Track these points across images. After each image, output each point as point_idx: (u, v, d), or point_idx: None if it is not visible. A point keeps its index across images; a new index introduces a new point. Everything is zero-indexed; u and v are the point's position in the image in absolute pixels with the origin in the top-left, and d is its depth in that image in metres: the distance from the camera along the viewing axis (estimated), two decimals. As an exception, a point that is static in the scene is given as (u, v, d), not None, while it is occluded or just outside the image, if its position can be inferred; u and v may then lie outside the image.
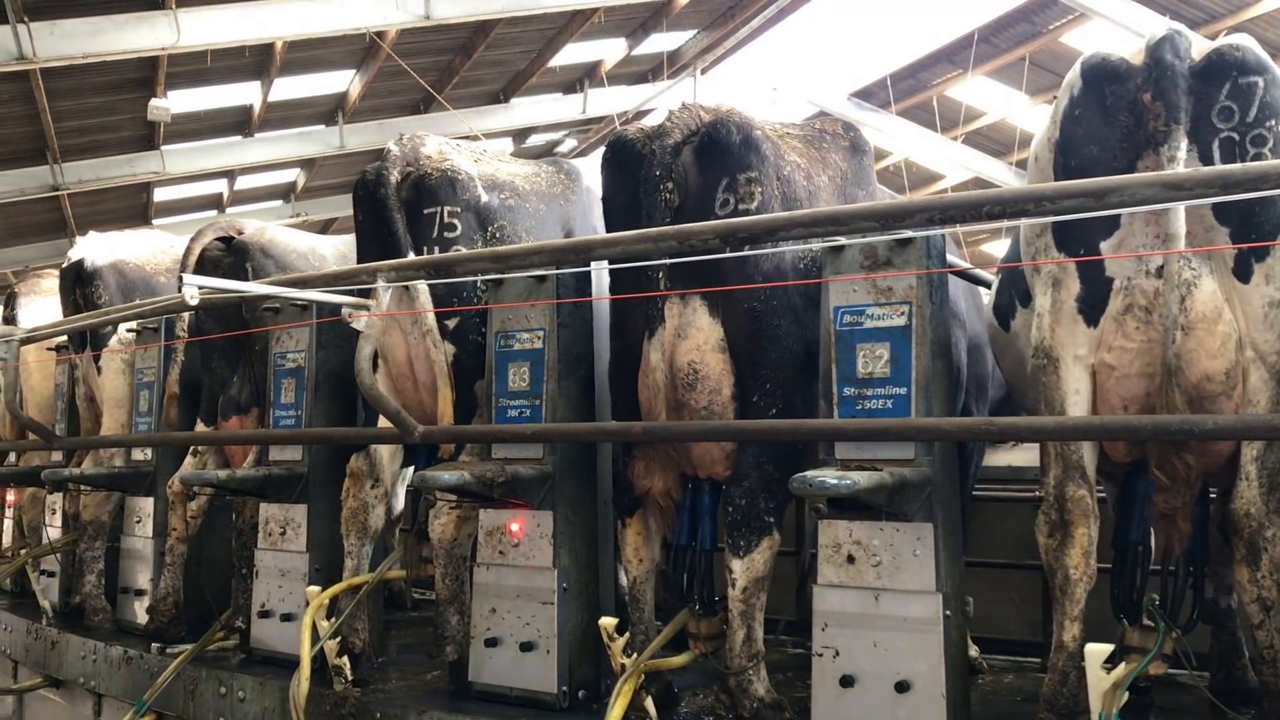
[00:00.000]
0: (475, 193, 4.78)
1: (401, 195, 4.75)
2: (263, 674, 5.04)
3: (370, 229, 4.93)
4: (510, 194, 4.90)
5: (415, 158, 4.84)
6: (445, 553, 4.71)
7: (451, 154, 4.88)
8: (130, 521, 6.42)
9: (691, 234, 3.59)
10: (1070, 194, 3.14)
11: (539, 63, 21.29)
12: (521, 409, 4.46)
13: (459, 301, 4.76)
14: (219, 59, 17.95)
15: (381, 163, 4.81)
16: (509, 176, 4.98)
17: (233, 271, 5.83)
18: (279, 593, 5.27)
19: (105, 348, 6.63)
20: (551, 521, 4.34)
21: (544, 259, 4.08)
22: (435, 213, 4.73)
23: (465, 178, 4.78)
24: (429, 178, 4.76)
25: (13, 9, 15.24)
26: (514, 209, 4.88)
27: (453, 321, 4.75)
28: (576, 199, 5.17)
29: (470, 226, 4.74)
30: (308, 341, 5.31)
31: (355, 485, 4.90)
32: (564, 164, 5.28)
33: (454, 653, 4.63)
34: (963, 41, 19.80)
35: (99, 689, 6.01)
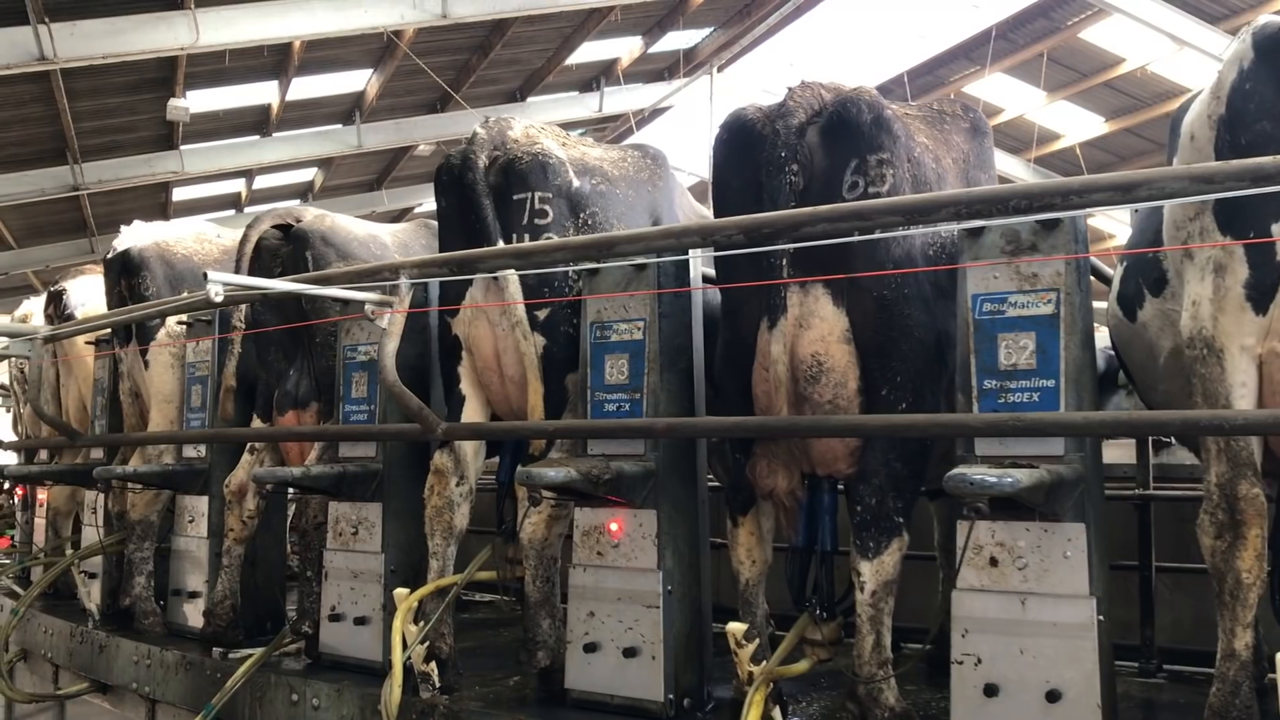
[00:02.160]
0: (567, 178, 4.47)
1: (490, 180, 4.44)
2: (337, 680, 4.73)
3: (455, 217, 4.63)
4: (601, 179, 4.60)
5: (502, 141, 4.53)
6: (536, 554, 4.41)
7: (540, 137, 4.57)
8: (182, 521, 6.10)
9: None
10: (1098, 188, 3.02)
11: (555, 61, 21.00)
12: (620, 403, 4.16)
13: (550, 291, 4.46)
14: (237, 59, 17.67)
15: (468, 146, 4.49)
16: (597, 161, 4.68)
17: (291, 260, 5.54)
18: (351, 595, 4.96)
19: (153, 341, 6.30)
20: (655, 521, 4.04)
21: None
22: (526, 199, 4.42)
23: (556, 162, 4.47)
24: (519, 162, 4.44)
25: (33, 10, 14.97)
26: (605, 195, 4.57)
27: (543, 312, 4.43)
28: (664, 185, 4.86)
29: (561, 213, 4.43)
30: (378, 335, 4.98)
31: (439, 483, 4.59)
32: (649, 149, 4.97)
33: (546, 658, 4.33)
34: (980, 38, 19.50)
35: (154, 695, 5.69)
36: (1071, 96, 21.11)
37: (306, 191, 25.38)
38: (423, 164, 24.79)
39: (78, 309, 7.62)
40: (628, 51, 21.53)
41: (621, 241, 3.95)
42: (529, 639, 4.40)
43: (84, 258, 23.72)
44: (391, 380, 4.15)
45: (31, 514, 8.91)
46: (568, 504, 4.34)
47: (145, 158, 20.65)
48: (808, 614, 3.81)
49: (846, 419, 3.63)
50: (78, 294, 7.71)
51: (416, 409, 4.24)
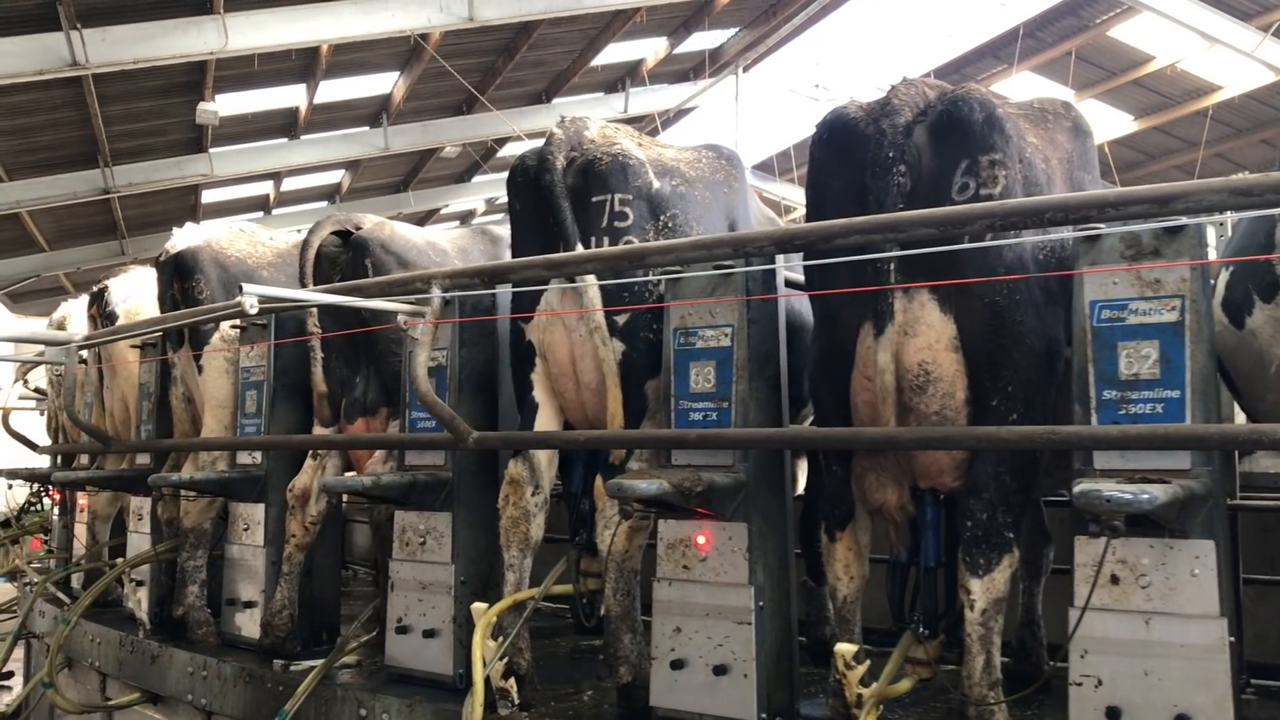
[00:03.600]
0: (647, 179, 4.28)
1: (568, 182, 4.26)
2: (408, 694, 4.55)
3: (530, 219, 4.46)
4: (680, 180, 4.40)
5: (579, 141, 4.35)
6: (616, 566, 4.22)
7: (618, 137, 4.39)
8: (237, 529, 5.93)
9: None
10: (1135, 200, 2.90)
11: (581, 62, 20.84)
12: (706, 411, 3.98)
13: (631, 297, 4.27)
14: (266, 62, 17.58)
15: (545, 147, 4.31)
16: (674, 161, 4.48)
17: (350, 267, 5.38)
18: (419, 607, 4.79)
19: (207, 346, 6.13)
20: (746, 534, 3.86)
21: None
22: (605, 201, 4.24)
23: (637, 163, 4.28)
24: (599, 163, 4.26)
25: (66, 16, 14.90)
26: (685, 196, 4.38)
27: (622, 318, 4.25)
28: (739, 186, 4.67)
29: (642, 215, 4.25)
30: (450, 339, 4.83)
31: (515, 492, 4.43)
32: (722, 149, 4.77)
33: (628, 674, 4.15)
34: (1008, 36, 19.24)
35: (210, 707, 5.52)
36: (1100, 95, 20.81)
37: (334, 193, 25.28)
38: (449, 165, 24.69)
39: (119, 307, 7.46)
40: (653, 52, 21.34)
41: (652, 253, 3.81)
42: (609, 654, 4.22)
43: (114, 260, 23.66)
44: (424, 389, 4.10)
45: (70, 518, 8.75)
46: (648, 517, 4.17)
47: (175, 161, 20.59)
48: (910, 632, 3.62)
49: (954, 430, 3.44)
50: (119, 292, 7.54)
51: (448, 418, 4.19)
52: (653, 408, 4.29)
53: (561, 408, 4.57)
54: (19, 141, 18.86)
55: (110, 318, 7.44)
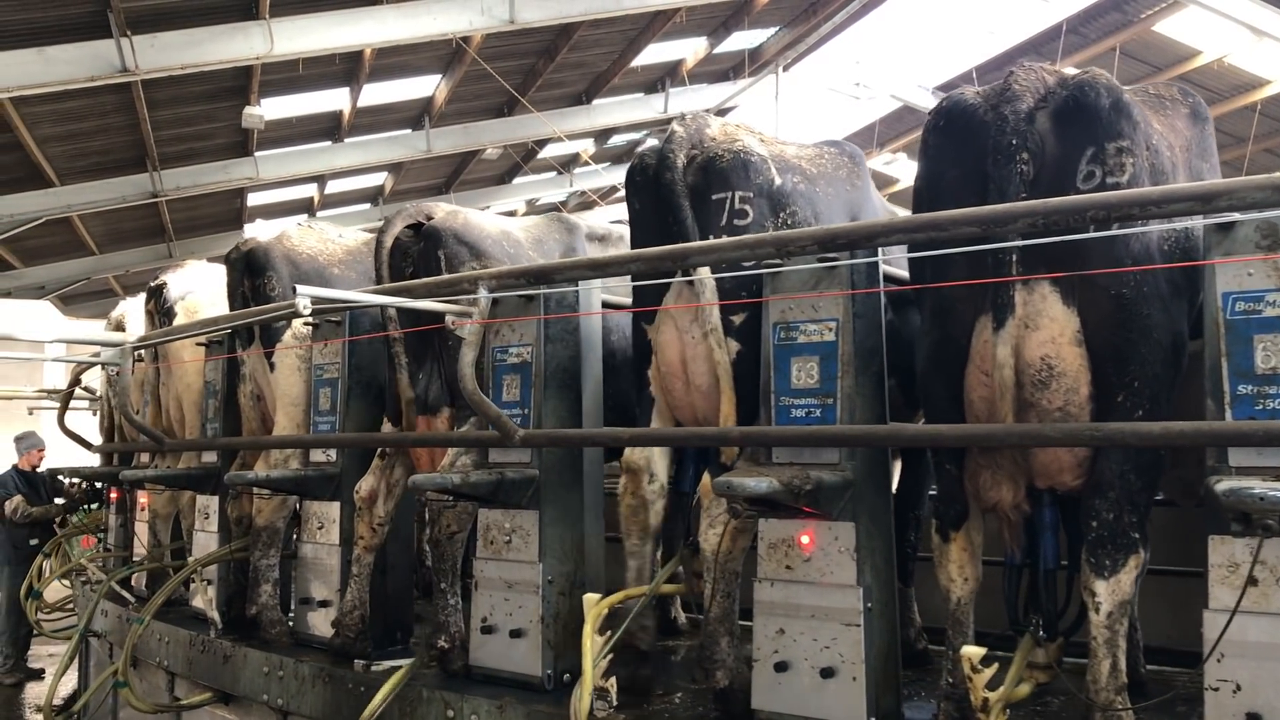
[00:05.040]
0: (769, 176, 4.18)
1: (689, 179, 4.17)
2: (497, 695, 4.44)
3: (649, 217, 4.37)
4: (800, 177, 4.30)
5: (700, 139, 4.26)
6: (719, 567, 4.10)
7: (739, 134, 4.29)
8: (310, 528, 5.84)
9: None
10: (1177, 197, 2.85)
11: (621, 64, 20.72)
12: (810, 408, 3.84)
13: (749, 295, 4.13)
14: (310, 66, 17.57)
15: (665, 144, 4.24)
16: (796, 158, 4.38)
17: (422, 258, 5.27)
18: (505, 606, 4.67)
19: (279, 343, 6.05)
20: (854, 534, 3.71)
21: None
22: (726, 198, 4.14)
23: (758, 160, 4.18)
24: (720, 160, 4.16)
25: (116, 24, 14.96)
26: (805, 193, 4.27)
27: (739, 317, 4.12)
28: (861, 183, 4.57)
29: (762, 213, 4.15)
30: (535, 336, 4.71)
31: (632, 481, 4.38)
32: (845, 145, 4.67)
33: (725, 678, 4.02)
34: (1051, 32, 18.90)
35: (287, 706, 5.43)
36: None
37: (377, 196, 25.29)
38: (490, 167, 24.65)
39: (178, 303, 7.40)
40: (693, 52, 21.21)
41: (693, 253, 3.77)
42: (706, 657, 4.11)
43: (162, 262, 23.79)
44: (471, 388, 4.13)
45: (130, 517, 8.70)
46: (756, 515, 4.03)
47: (221, 164, 20.65)
48: (1029, 635, 3.48)
49: (1079, 427, 3.28)
50: (178, 287, 7.47)
51: (495, 416, 4.20)
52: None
53: (670, 406, 4.49)
54: (71, 146, 18.97)
55: (168, 314, 7.38)
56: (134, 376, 8.13)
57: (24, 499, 12.25)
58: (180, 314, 7.18)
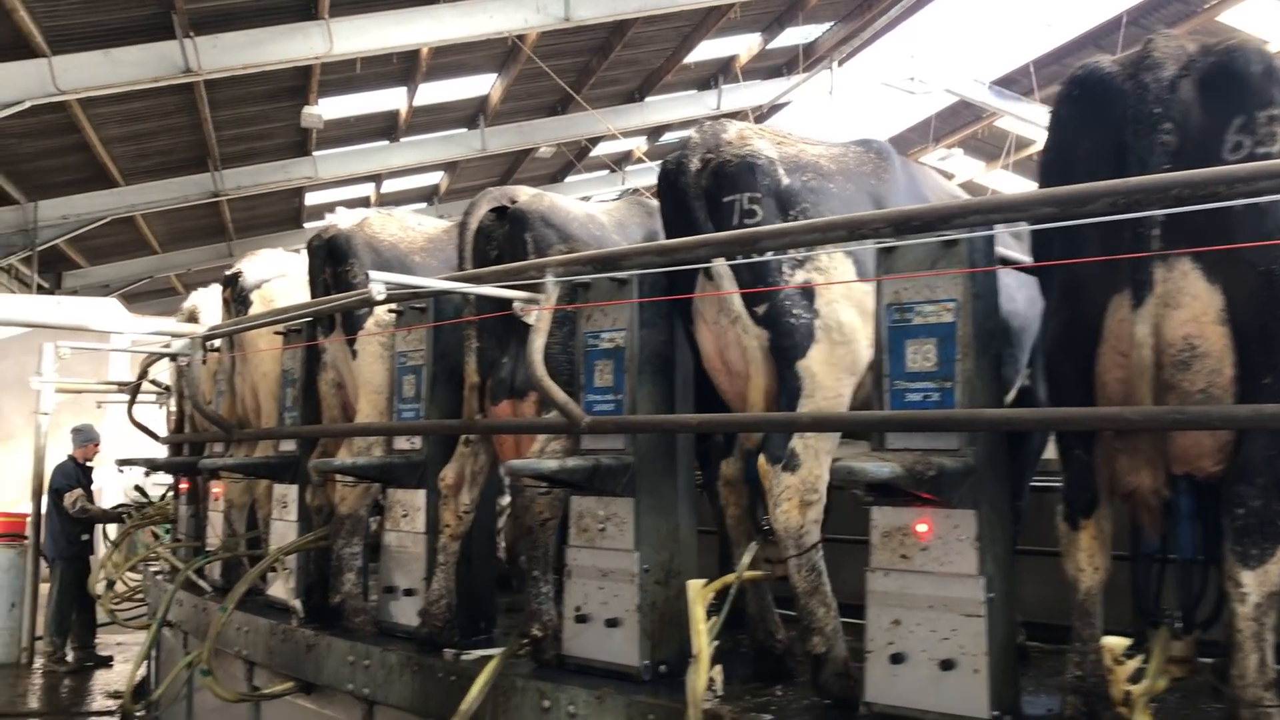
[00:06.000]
0: (775, 177, 4.20)
1: (701, 183, 4.28)
2: (594, 685, 4.31)
3: (672, 219, 4.49)
4: (813, 175, 4.31)
5: (716, 144, 4.33)
6: (794, 542, 4.03)
7: (752, 138, 4.34)
8: (395, 516, 5.75)
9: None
10: (1266, 175, 2.72)
11: (674, 60, 20.63)
12: (927, 392, 3.67)
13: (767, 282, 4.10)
14: (368, 66, 17.66)
15: (683, 151, 4.38)
16: (813, 158, 4.39)
17: (508, 242, 5.18)
18: (600, 595, 4.55)
19: (361, 330, 5.96)
20: (975, 522, 3.55)
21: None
22: (735, 200, 4.20)
23: (765, 162, 4.21)
24: (728, 165, 4.23)
25: (180, 25, 15.08)
26: (817, 190, 4.27)
27: (762, 306, 4.13)
28: (890, 177, 4.51)
29: (771, 212, 4.17)
30: (629, 319, 4.59)
31: (733, 492, 4.46)
32: (872, 142, 4.65)
33: (822, 644, 3.94)
34: (1111, 24, 18.53)
35: (374, 696, 5.34)
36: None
37: (432, 195, 25.40)
38: (543, 165, 24.64)
39: (254, 291, 7.36)
40: (746, 48, 21.05)
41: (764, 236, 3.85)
42: (806, 628, 4.02)
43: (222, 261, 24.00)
44: (540, 374, 4.18)
45: (203, 507, 8.68)
46: (817, 488, 4.03)
47: (280, 164, 20.80)
48: (1166, 629, 3.30)
49: (1222, 410, 3.10)
50: (253, 275, 7.44)
51: (562, 402, 4.22)
52: (809, 387, 4.07)
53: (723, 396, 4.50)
54: (134, 147, 19.19)
55: (244, 302, 7.34)
56: (206, 367, 8.15)
57: (83, 495, 12.31)
58: (256, 302, 7.14)
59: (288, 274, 7.22)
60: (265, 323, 6.31)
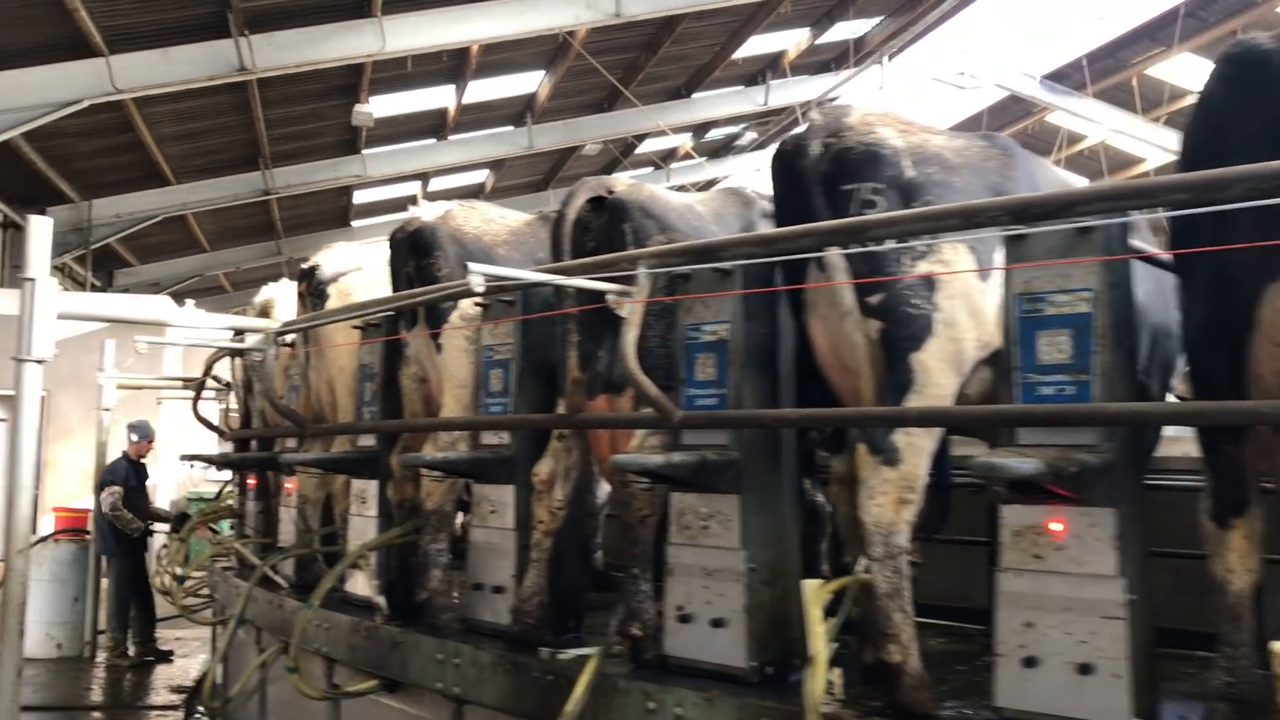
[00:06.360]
0: (900, 168, 4.04)
1: (820, 169, 4.10)
2: (703, 687, 4.19)
3: (786, 204, 4.33)
4: (938, 168, 4.13)
5: (838, 128, 4.15)
6: (882, 539, 3.87)
7: (877, 125, 4.16)
8: (482, 511, 5.65)
9: None
10: None
11: (722, 55, 20.51)
12: (1061, 385, 3.53)
13: (885, 273, 3.94)
14: (419, 64, 17.67)
15: (803, 132, 4.19)
16: (938, 149, 4.21)
17: (606, 233, 5.07)
18: (704, 594, 4.43)
19: (446, 324, 5.88)
20: (1115, 521, 3.40)
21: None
22: (855, 189, 4.03)
23: (890, 152, 4.04)
24: (851, 151, 4.05)
25: (235, 24, 15.13)
26: (941, 184, 4.09)
27: (876, 296, 3.96)
28: (1014, 173, 4.35)
29: (893, 203, 4.01)
30: (733, 312, 4.46)
31: (845, 492, 4.25)
32: (997, 138, 4.50)
33: (898, 653, 3.80)
34: (1167, 17, 18.21)
35: (465, 695, 5.25)
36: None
37: (478, 193, 25.38)
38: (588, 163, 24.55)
39: (330, 285, 7.30)
40: (795, 43, 20.87)
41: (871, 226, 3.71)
42: (881, 633, 3.86)
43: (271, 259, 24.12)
44: (633, 368, 4.11)
45: (275, 502, 8.65)
46: (915, 487, 3.89)
47: (330, 162, 20.86)
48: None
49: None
50: (330, 268, 7.37)
51: (655, 396, 4.12)
52: (920, 382, 3.93)
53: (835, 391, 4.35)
54: (187, 146, 19.30)
55: (320, 296, 7.28)
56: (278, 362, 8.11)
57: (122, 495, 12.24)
58: (333, 296, 7.08)
59: (364, 267, 7.16)
60: (350, 316, 6.25)
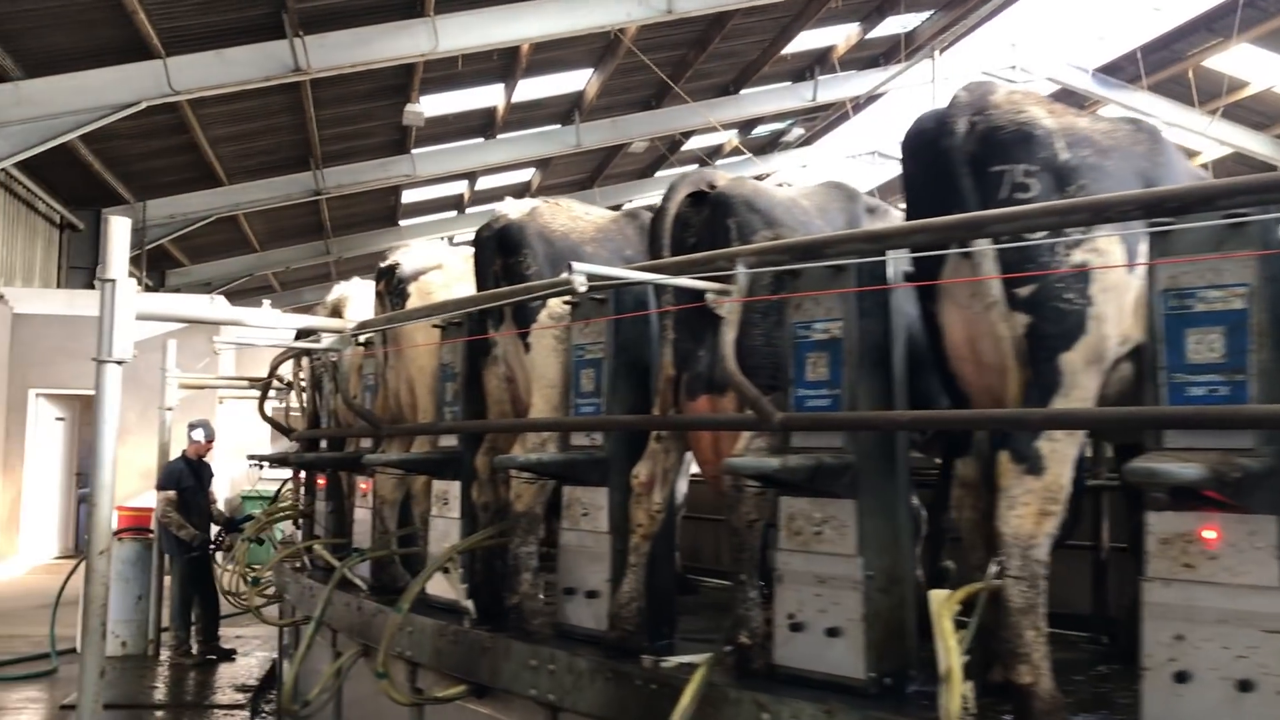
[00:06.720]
0: (1054, 149, 3.83)
1: (967, 149, 3.88)
2: (821, 699, 4.04)
3: (923, 186, 4.12)
4: (1091, 151, 3.91)
5: (983, 106, 3.95)
6: (1020, 552, 3.69)
7: (1026, 103, 3.96)
8: (573, 514, 5.53)
9: None
10: None
11: (772, 51, 20.33)
12: (1213, 385, 3.35)
13: (1033, 265, 3.74)
14: (469, 63, 17.63)
15: (946, 110, 3.97)
16: (1087, 131, 3.99)
17: (708, 229, 4.94)
18: (816, 602, 4.28)
19: (534, 323, 5.76)
20: (1276, 529, 3.22)
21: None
22: (1006, 171, 3.82)
23: (1044, 132, 3.83)
24: (1001, 131, 3.84)
25: (290, 24, 15.14)
26: (1096, 168, 3.88)
27: (1027, 288, 3.76)
28: (1162, 160, 4.15)
29: (1048, 187, 3.79)
30: (846, 310, 4.31)
31: (969, 494, 4.13)
32: (1142, 123, 4.27)
33: (1029, 674, 3.63)
34: (1225, 7, 17.80)
35: (561, 703, 5.12)
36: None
37: (524, 192, 25.36)
38: (634, 161, 24.49)
39: (411, 283, 7.21)
40: (845, 38, 20.63)
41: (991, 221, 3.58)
42: (1011, 652, 3.69)
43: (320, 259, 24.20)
44: (732, 369, 4.01)
45: (349, 503, 8.57)
46: (1059, 498, 3.70)
47: (380, 162, 20.89)
48: None
49: None
50: (410, 265, 7.27)
51: (754, 398, 3.99)
52: (1068, 384, 3.75)
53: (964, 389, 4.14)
54: (240, 146, 19.39)
55: (400, 294, 7.20)
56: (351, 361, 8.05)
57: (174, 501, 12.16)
58: (413, 294, 6.99)
59: (443, 264, 7.07)
60: (438, 314, 6.16)
